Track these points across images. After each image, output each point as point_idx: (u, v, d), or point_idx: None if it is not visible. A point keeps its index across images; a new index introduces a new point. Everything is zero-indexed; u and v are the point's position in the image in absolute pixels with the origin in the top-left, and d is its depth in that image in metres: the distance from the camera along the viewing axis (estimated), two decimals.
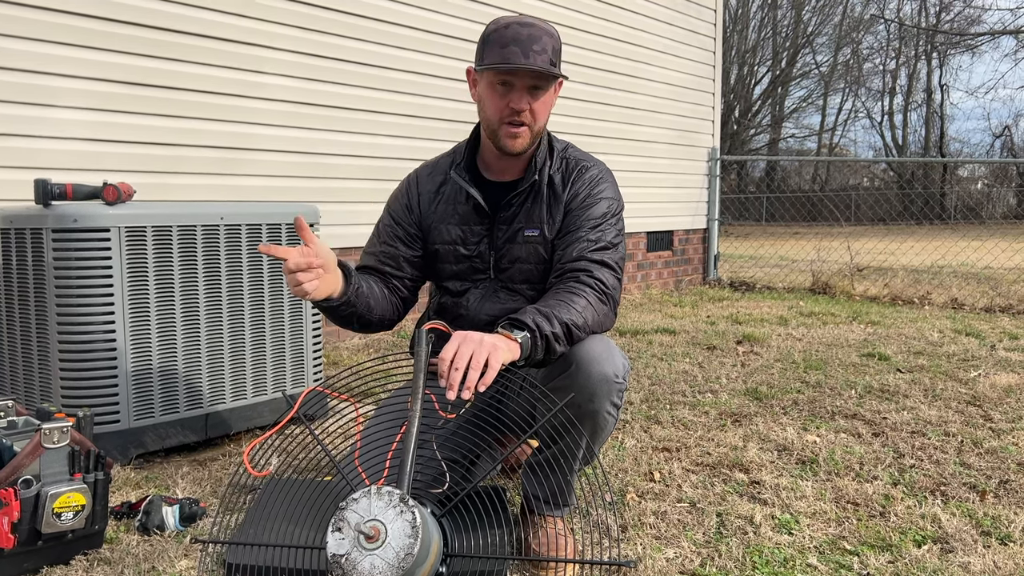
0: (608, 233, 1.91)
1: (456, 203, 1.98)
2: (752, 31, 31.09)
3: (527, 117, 1.83)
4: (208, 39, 3.85)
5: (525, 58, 1.76)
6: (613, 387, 1.76)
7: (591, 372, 1.73)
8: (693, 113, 7.44)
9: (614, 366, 1.75)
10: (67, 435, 1.76)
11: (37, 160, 3.30)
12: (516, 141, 1.86)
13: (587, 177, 1.96)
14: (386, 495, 1.35)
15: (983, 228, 16.36)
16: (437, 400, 1.65)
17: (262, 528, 1.90)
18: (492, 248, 1.98)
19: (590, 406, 1.75)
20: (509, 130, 1.84)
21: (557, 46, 1.83)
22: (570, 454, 1.82)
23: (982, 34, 28.22)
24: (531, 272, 1.96)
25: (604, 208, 1.93)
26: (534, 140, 1.89)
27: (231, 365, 2.67)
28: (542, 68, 1.76)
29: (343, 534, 1.34)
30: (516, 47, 1.76)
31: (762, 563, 1.85)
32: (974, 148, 32.43)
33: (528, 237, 1.95)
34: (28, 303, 2.45)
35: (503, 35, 1.79)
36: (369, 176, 4.57)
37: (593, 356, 1.74)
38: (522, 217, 1.95)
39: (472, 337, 1.55)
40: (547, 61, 1.78)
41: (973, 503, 2.22)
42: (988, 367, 3.92)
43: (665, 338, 4.76)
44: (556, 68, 1.82)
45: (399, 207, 2.04)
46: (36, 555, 1.76)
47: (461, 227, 1.98)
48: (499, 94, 1.82)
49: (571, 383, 1.74)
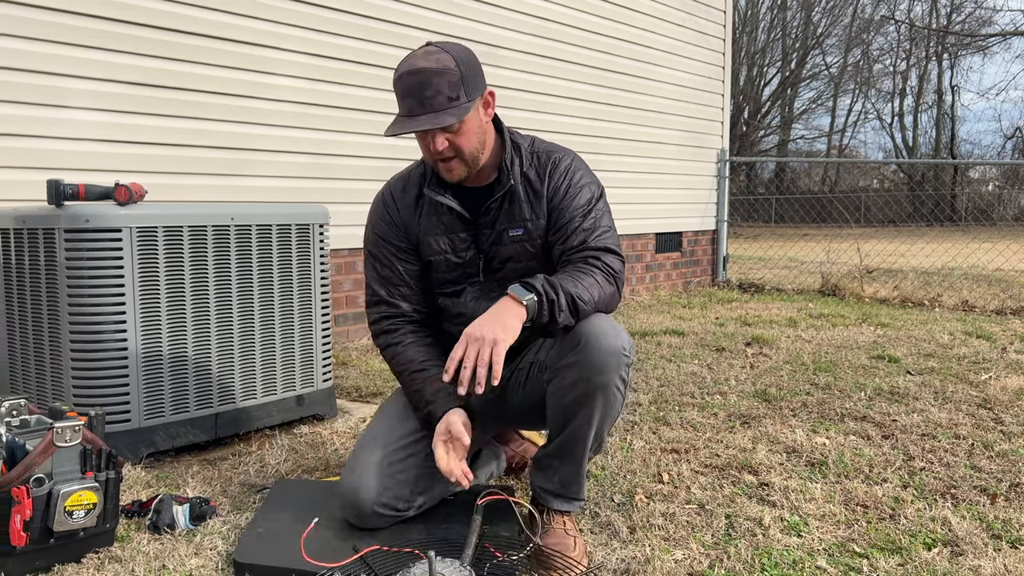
0: (603, 219, 1.96)
1: (438, 214, 2.01)
2: (761, 32, 31.01)
3: (449, 152, 1.86)
4: (217, 40, 3.87)
5: (421, 107, 1.78)
6: (622, 360, 1.79)
7: (600, 345, 1.77)
8: (702, 114, 7.43)
9: (621, 340, 1.79)
10: (79, 434, 1.77)
11: (49, 161, 3.33)
12: (452, 174, 1.91)
13: (562, 168, 2.00)
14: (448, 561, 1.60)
15: (994, 230, 16.27)
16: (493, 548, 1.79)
17: (271, 527, 1.91)
18: (480, 252, 2.01)
19: (600, 379, 1.77)
20: (442, 166, 1.90)
21: (454, 78, 1.79)
22: (581, 435, 1.84)
23: (993, 35, 28.10)
24: (524, 269, 1.99)
25: (587, 195, 1.97)
26: (471, 164, 1.91)
27: (241, 365, 2.68)
28: (430, 125, 1.77)
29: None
30: (411, 99, 1.79)
31: (771, 565, 1.84)
32: (985, 150, 32.26)
33: (513, 237, 1.98)
34: (40, 303, 2.46)
35: (399, 87, 1.81)
36: (378, 177, 4.56)
37: (601, 331, 1.78)
38: (503, 219, 1.98)
39: (475, 335, 1.68)
40: (444, 101, 1.78)
41: (984, 506, 2.21)
42: (999, 370, 3.90)
43: (674, 339, 4.76)
44: (460, 100, 1.80)
45: (383, 225, 2.06)
46: (48, 553, 1.77)
47: (448, 236, 2.01)
48: (421, 139, 1.87)
49: (581, 357, 1.78)
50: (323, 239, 2.89)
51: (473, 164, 1.91)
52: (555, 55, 5.80)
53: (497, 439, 2.37)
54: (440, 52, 1.82)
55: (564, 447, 1.88)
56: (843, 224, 15.68)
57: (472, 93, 1.83)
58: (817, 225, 13.22)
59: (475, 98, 1.84)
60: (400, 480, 1.90)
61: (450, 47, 1.85)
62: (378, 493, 1.87)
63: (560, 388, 1.82)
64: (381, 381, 3.61)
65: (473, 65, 1.86)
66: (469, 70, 1.84)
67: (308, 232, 2.83)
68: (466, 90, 1.82)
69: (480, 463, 2.26)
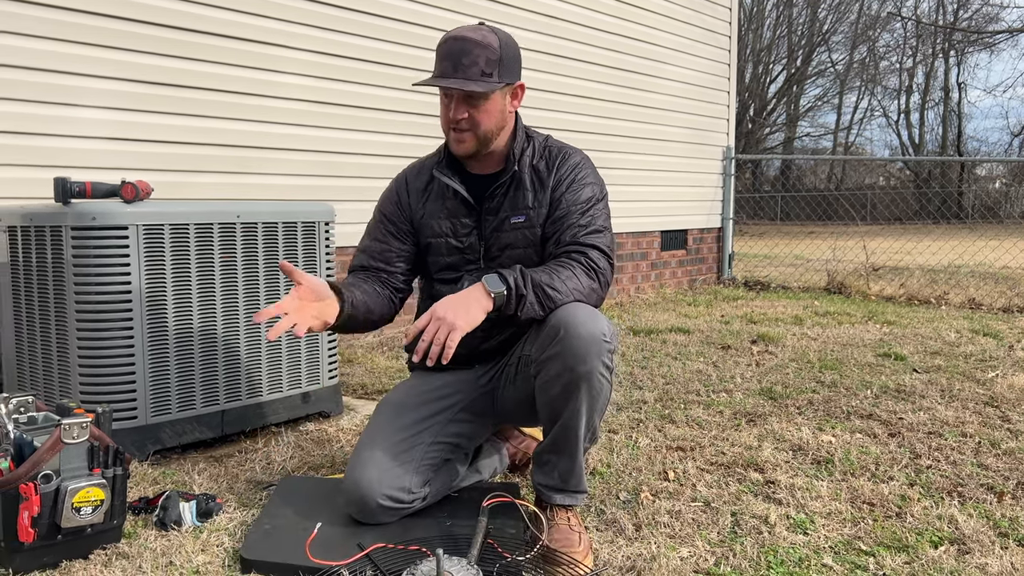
0: (598, 218, 1.99)
1: (444, 199, 2.08)
2: (767, 29, 30.95)
3: (466, 124, 1.94)
4: (226, 39, 3.87)
5: (455, 71, 1.88)
6: (603, 346, 1.79)
7: (579, 333, 1.78)
8: (708, 112, 7.41)
9: (600, 327, 1.80)
10: (86, 431, 1.78)
11: (58, 159, 3.33)
12: (461, 146, 1.99)
13: (570, 163, 2.05)
14: (455, 559, 1.61)
15: (1001, 227, 16.20)
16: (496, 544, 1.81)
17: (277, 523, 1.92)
18: (481, 238, 2.05)
19: (583, 368, 1.78)
20: (454, 135, 1.98)
21: (494, 56, 1.89)
22: (573, 427, 1.85)
23: (1000, 32, 27.98)
24: (520, 256, 2.03)
25: (589, 193, 2.01)
26: (482, 143, 1.98)
27: (247, 362, 2.69)
28: (458, 86, 1.87)
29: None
30: (448, 61, 1.89)
31: (777, 563, 1.84)
32: (992, 147, 32.19)
33: (515, 224, 2.03)
34: (48, 300, 2.47)
35: (441, 50, 1.92)
36: (386, 175, 4.52)
37: (579, 319, 1.80)
38: (507, 206, 2.03)
39: (439, 314, 1.76)
40: (477, 73, 1.87)
41: (990, 504, 2.20)
42: (1006, 368, 3.89)
43: (679, 337, 4.75)
44: (492, 78, 1.89)
45: (390, 205, 2.15)
46: (55, 549, 1.78)
47: (451, 220, 2.07)
48: (443, 103, 1.97)
49: (561, 348, 1.79)
50: (329, 237, 2.89)
51: (484, 144, 1.98)
52: (563, 53, 5.79)
53: (498, 436, 2.37)
54: (488, 31, 1.92)
55: (558, 441, 1.89)
56: (849, 222, 15.64)
57: (504, 77, 1.92)
58: (823, 223, 13.21)
59: (506, 83, 1.93)
60: (403, 471, 1.92)
61: (499, 31, 1.95)
62: (381, 485, 1.88)
63: (546, 381, 1.84)
64: (387, 379, 3.62)
65: (514, 53, 1.95)
66: (509, 56, 1.93)
67: (314, 230, 2.84)
68: (500, 71, 1.91)
69: (483, 459, 2.27)
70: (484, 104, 1.92)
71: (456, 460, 2.08)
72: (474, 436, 2.13)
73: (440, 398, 2.07)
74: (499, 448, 2.35)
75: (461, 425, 2.07)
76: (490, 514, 1.86)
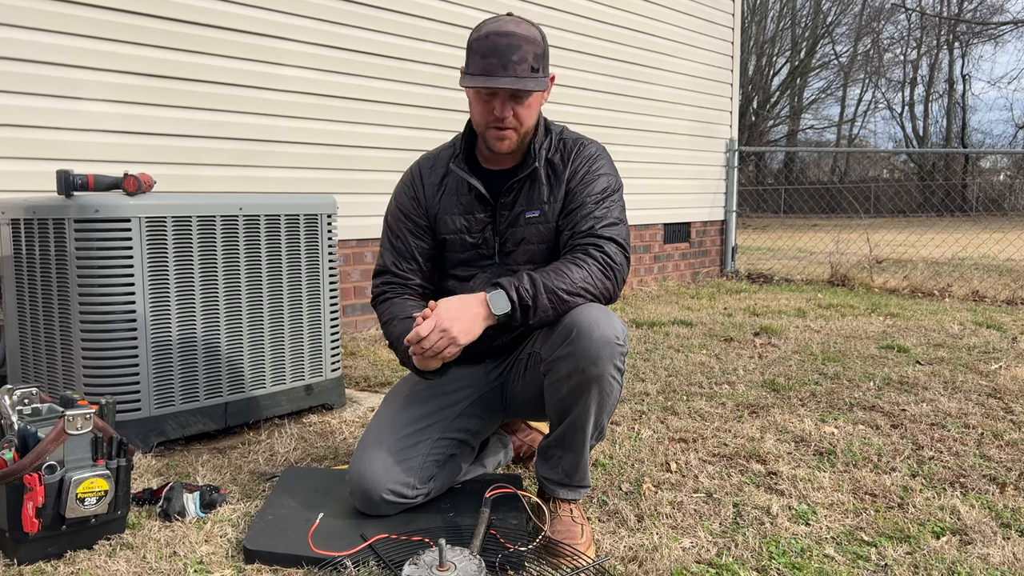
0: (614, 209, 1.95)
1: (459, 193, 2.03)
2: (770, 21, 30.86)
3: (511, 122, 1.88)
4: (229, 31, 3.87)
5: (504, 70, 1.79)
6: (615, 349, 1.78)
7: (592, 336, 1.76)
8: (711, 104, 7.40)
9: (614, 329, 1.77)
10: (90, 422, 1.79)
11: (62, 152, 3.34)
12: (503, 143, 1.91)
13: (585, 154, 2.00)
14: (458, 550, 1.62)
15: (1005, 220, 16.18)
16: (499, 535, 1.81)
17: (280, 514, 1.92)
18: (496, 234, 2.02)
19: (594, 370, 1.77)
20: (496, 133, 1.90)
21: (539, 50, 1.84)
22: (581, 425, 1.84)
23: (1005, 23, 27.86)
24: (535, 252, 2.00)
25: (604, 184, 1.97)
26: (524, 138, 1.94)
27: (250, 354, 2.69)
28: (517, 87, 1.80)
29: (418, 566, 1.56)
30: (495, 59, 1.79)
31: (779, 553, 1.84)
32: (996, 139, 32.03)
33: (530, 219, 1.99)
34: (51, 293, 2.48)
35: (483, 45, 1.81)
36: (388, 168, 4.59)
37: (592, 321, 1.77)
38: (522, 200, 1.99)
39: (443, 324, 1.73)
40: (527, 70, 1.81)
41: (993, 495, 2.20)
42: (1009, 359, 3.88)
43: (682, 330, 4.75)
44: (540, 74, 1.84)
45: (406, 199, 2.09)
46: (60, 539, 1.79)
47: (465, 216, 2.02)
48: (484, 101, 1.88)
49: (574, 348, 1.77)
50: (331, 230, 2.89)
51: (523, 140, 1.94)
52: (566, 45, 5.78)
53: (505, 428, 2.37)
54: (527, 23, 1.86)
55: (565, 437, 1.89)
56: (852, 214, 15.61)
57: (546, 71, 1.89)
58: (826, 215, 13.18)
59: (547, 76, 1.89)
60: (408, 467, 1.91)
61: (533, 22, 1.89)
62: (386, 479, 1.88)
63: (556, 380, 1.82)
64: (389, 371, 3.62)
65: (547, 45, 1.91)
66: (547, 49, 1.89)
67: (316, 223, 2.84)
68: (544, 66, 1.87)
69: (488, 452, 2.27)
70: (528, 100, 1.87)
71: (462, 454, 2.06)
72: (481, 431, 2.11)
73: (449, 392, 2.04)
74: (505, 441, 2.35)
75: (469, 420, 2.05)
76: (493, 505, 1.87)
